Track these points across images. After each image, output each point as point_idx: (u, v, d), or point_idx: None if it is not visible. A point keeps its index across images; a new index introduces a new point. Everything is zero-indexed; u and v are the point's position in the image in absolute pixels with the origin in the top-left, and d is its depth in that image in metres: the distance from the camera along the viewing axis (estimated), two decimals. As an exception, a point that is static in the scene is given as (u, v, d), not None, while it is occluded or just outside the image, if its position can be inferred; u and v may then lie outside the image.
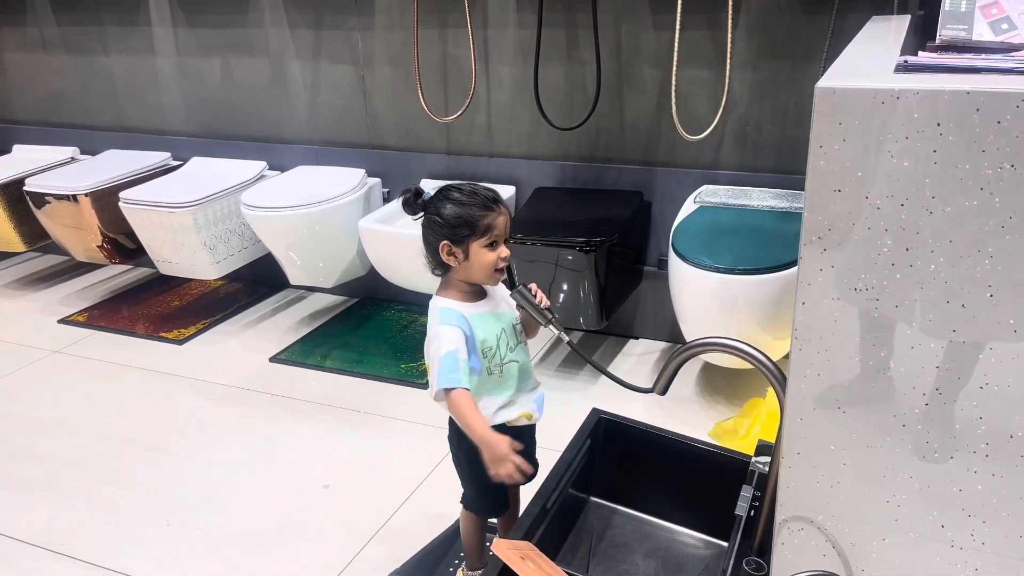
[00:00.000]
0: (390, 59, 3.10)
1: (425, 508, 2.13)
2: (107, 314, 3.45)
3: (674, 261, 2.33)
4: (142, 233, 3.08)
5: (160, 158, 3.54)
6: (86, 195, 3.15)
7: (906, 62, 1.16)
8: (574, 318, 2.60)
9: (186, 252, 3.03)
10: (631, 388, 1.55)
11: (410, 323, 3.24)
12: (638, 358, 2.92)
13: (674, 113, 2.57)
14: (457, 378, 1.45)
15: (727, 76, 2.54)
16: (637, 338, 3.05)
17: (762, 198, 2.59)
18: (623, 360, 2.91)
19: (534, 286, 1.54)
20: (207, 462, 2.38)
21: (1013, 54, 1.23)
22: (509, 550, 1.38)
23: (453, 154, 3.14)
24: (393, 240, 2.73)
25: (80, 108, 3.81)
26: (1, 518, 2.15)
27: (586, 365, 2.80)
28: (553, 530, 1.65)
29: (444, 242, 1.48)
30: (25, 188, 3.26)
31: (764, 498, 1.47)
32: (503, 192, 2.72)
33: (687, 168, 2.80)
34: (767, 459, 1.59)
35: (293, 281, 3.09)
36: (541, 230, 2.54)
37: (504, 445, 1.43)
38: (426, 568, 1.91)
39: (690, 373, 2.76)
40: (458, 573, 1.86)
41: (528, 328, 1.61)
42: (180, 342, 3.17)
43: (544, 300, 1.54)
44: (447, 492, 1.75)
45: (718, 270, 2.18)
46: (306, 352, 3.04)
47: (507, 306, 1.58)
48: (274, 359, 3.00)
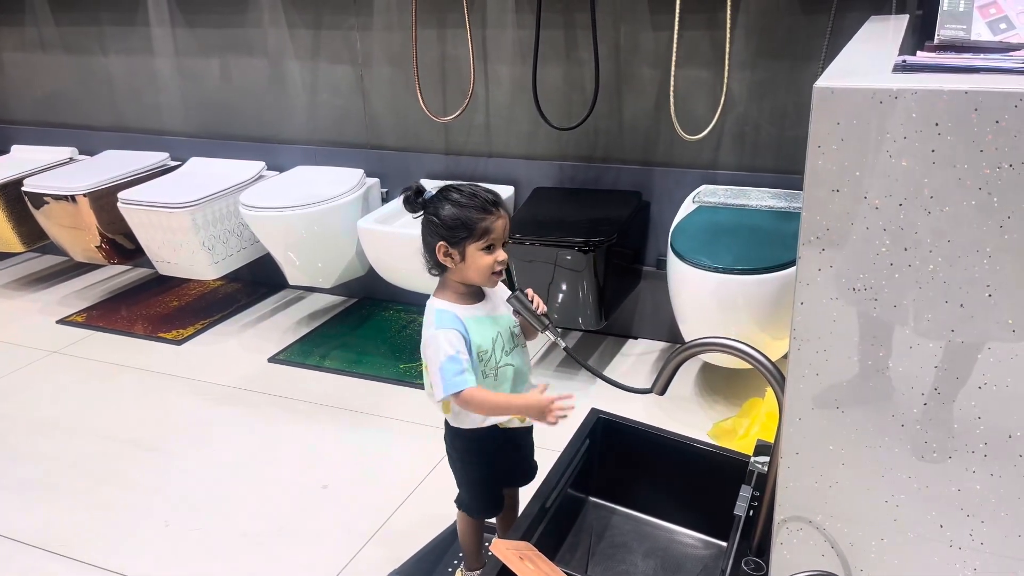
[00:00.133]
0: (389, 59, 3.10)
1: (424, 508, 2.13)
2: (106, 314, 3.45)
3: (673, 261, 2.33)
4: (141, 233, 3.07)
5: (158, 158, 3.54)
6: (84, 195, 3.15)
7: (904, 62, 1.16)
8: (573, 318, 2.60)
9: (185, 252, 3.03)
10: (629, 390, 1.55)
11: (409, 323, 3.24)
12: (637, 358, 2.92)
13: (673, 113, 2.57)
14: (463, 380, 1.44)
15: (726, 76, 2.54)
16: (636, 338, 3.05)
17: (761, 198, 2.59)
18: (622, 360, 2.91)
19: (530, 291, 1.53)
20: (206, 462, 2.38)
21: (1011, 54, 1.23)
22: (508, 550, 1.38)
23: (452, 154, 3.14)
24: (392, 240, 2.73)
25: (78, 108, 3.81)
26: (-1, 519, 2.16)
27: (585, 365, 2.80)
28: (552, 530, 1.65)
29: (441, 243, 1.47)
30: (23, 188, 3.26)
31: (763, 498, 1.47)
32: (502, 192, 2.72)
33: (686, 168, 2.80)
34: (766, 459, 1.59)
35: (292, 281, 3.09)
36: (540, 230, 2.54)
37: (538, 398, 1.46)
38: (425, 568, 1.91)
39: (689, 373, 2.76)
40: (457, 573, 1.86)
41: (527, 332, 1.59)
42: (179, 342, 3.16)
43: (541, 306, 1.52)
44: (446, 492, 1.74)
45: (717, 270, 2.18)
46: (305, 352, 3.04)
47: (506, 309, 1.56)
48: (273, 359, 3.00)
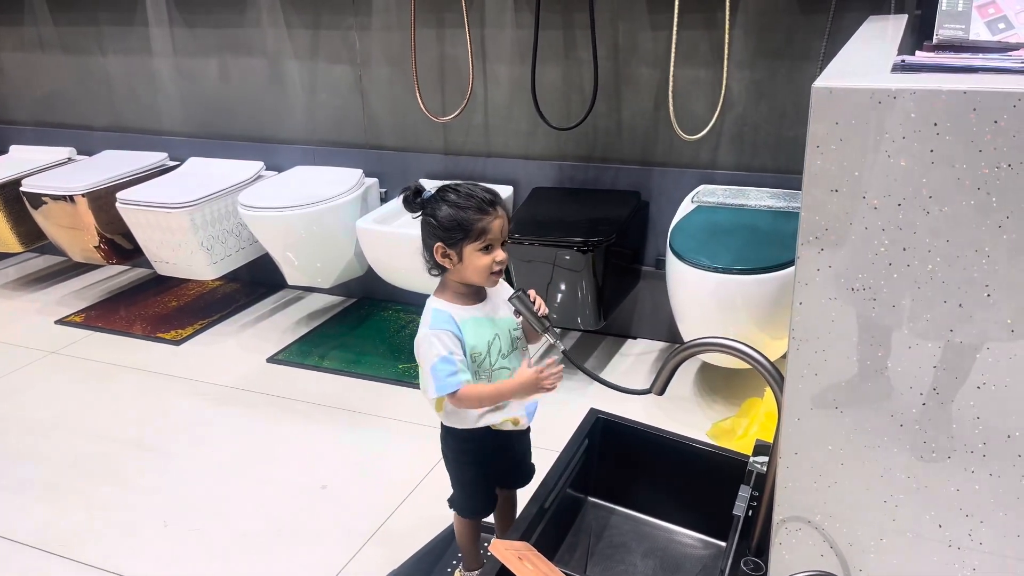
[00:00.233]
0: (387, 59, 3.10)
1: (423, 509, 2.13)
2: (104, 315, 3.44)
3: (672, 261, 2.33)
4: (139, 233, 3.07)
5: (157, 158, 3.53)
6: (83, 195, 3.15)
7: (903, 62, 1.16)
8: (572, 318, 2.60)
9: (183, 252, 3.03)
10: (628, 391, 1.54)
11: (408, 323, 3.24)
12: (636, 358, 2.92)
13: (671, 113, 2.57)
14: (457, 380, 1.44)
15: (724, 76, 2.54)
16: (635, 338, 3.05)
17: (759, 198, 2.59)
18: (621, 360, 2.91)
19: (532, 292, 1.50)
20: (204, 463, 2.38)
21: (1010, 53, 1.23)
22: (507, 550, 1.38)
23: (451, 154, 3.14)
24: (391, 240, 2.72)
25: (77, 108, 3.81)
26: (-2, 519, 2.15)
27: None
28: (551, 530, 1.65)
29: (438, 244, 1.45)
30: (22, 189, 3.26)
31: (762, 498, 1.47)
32: (501, 192, 2.71)
33: (684, 168, 2.80)
34: (765, 459, 1.59)
35: (291, 281, 3.09)
36: (539, 230, 2.54)
37: (527, 373, 1.45)
38: (424, 569, 1.91)
39: (688, 373, 2.76)
40: (456, 574, 1.86)
41: (528, 334, 1.57)
42: (177, 343, 3.16)
43: (542, 307, 1.49)
44: (445, 492, 1.74)
45: (716, 270, 2.18)
46: (304, 352, 3.04)
47: (507, 310, 1.53)
48: (272, 359, 2.99)
